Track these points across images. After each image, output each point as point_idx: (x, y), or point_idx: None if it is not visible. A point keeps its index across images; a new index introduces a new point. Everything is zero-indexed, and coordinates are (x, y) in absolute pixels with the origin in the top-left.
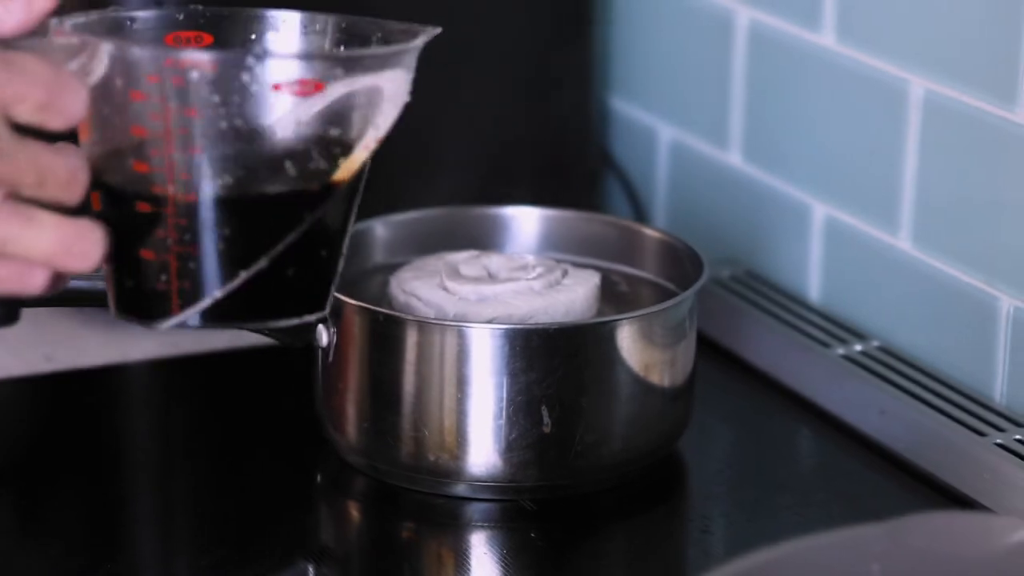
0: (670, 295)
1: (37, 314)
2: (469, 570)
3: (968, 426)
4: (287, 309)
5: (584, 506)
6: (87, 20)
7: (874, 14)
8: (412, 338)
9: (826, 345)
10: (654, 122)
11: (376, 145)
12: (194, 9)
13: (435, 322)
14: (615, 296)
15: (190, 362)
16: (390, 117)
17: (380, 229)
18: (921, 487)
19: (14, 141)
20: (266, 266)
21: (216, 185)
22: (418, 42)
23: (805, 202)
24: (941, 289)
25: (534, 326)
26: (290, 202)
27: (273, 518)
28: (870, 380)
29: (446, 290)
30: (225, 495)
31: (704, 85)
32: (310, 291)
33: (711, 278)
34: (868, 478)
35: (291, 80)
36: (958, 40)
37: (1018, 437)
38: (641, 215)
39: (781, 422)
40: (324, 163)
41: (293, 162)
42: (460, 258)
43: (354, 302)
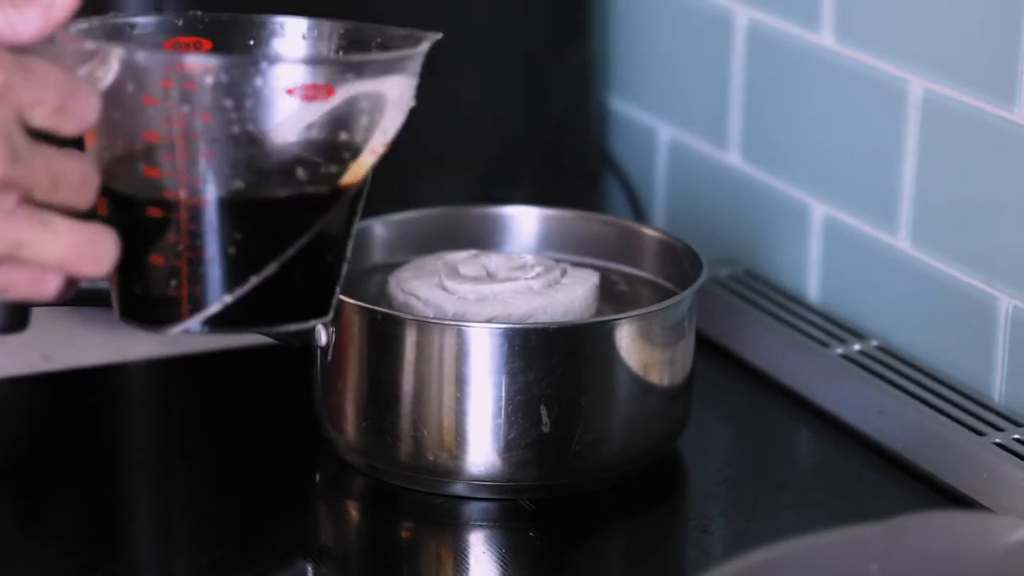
0: (669, 295)
1: (36, 314)
2: (468, 569)
3: (967, 426)
4: (294, 314)
5: (583, 505)
6: (89, 27)
7: (873, 14)
8: (411, 337)
9: (825, 345)
10: (653, 122)
11: (384, 150)
12: (193, 15)
13: (434, 321)
14: (614, 296)
15: (189, 362)
16: (397, 121)
17: (379, 228)
18: (920, 486)
19: (29, 145)
20: (275, 270)
21: (228, 189)
22: (424, 46)
23: (804, 202)
24: (940, 289)
25: (533, 325)
26: (300, 206)
27: (272, 517)
28: (869, 380)
29: (445, 289)
30: (224, 494)
31: (703, 85)
32: (316, 295)
33: (710, 278)
34: (867, 477)
35: (303, 84)
36: (957, 40)
37: (1017, 437)
38: (640, 215)
39: (780, 422)
40: (334, 167)
41: (304, 166)
42: (459, 257)
43: (353, 301)
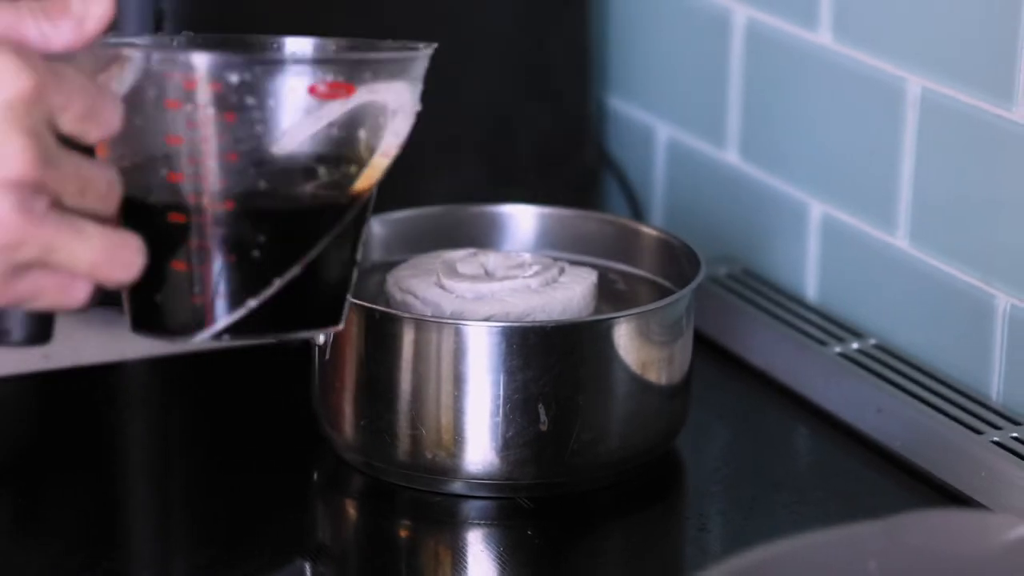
0: (667, 293)
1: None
2: (466, 568)
3: (965, 424)
4: (310, 319)
5: (581, 504)
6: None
7: (871, 13)
8: (409, 336)
9: (823, 343)
10: (652, 121)
11: (396, 152)
12: (188, 35)
13: (432, 320)
14: (612, 294)
15: (187, 360)
16: (408, 124)
17: (377, 227)
18: (918, 485)
19: (59, 150)
20: (298, 273)
21: (253, 191)
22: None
23: (802, 200)
24: (938, 287)
25: (531, 324)
26: (322, 207)
27: (270, 516)
28: (867, 378)
29: (443, 288)
30: (222, 493)
31: (701, 84)
32: (330, 301)
33: (708, 276)
34: (865, 476)
35: (324, 81)
36: (955, 39)
37: (1015, 435)
38: (638, 213)
39: (778, 420)
40: (354, 167)
41: (325, 166)
42: (457, 256)
43: (351, 300)
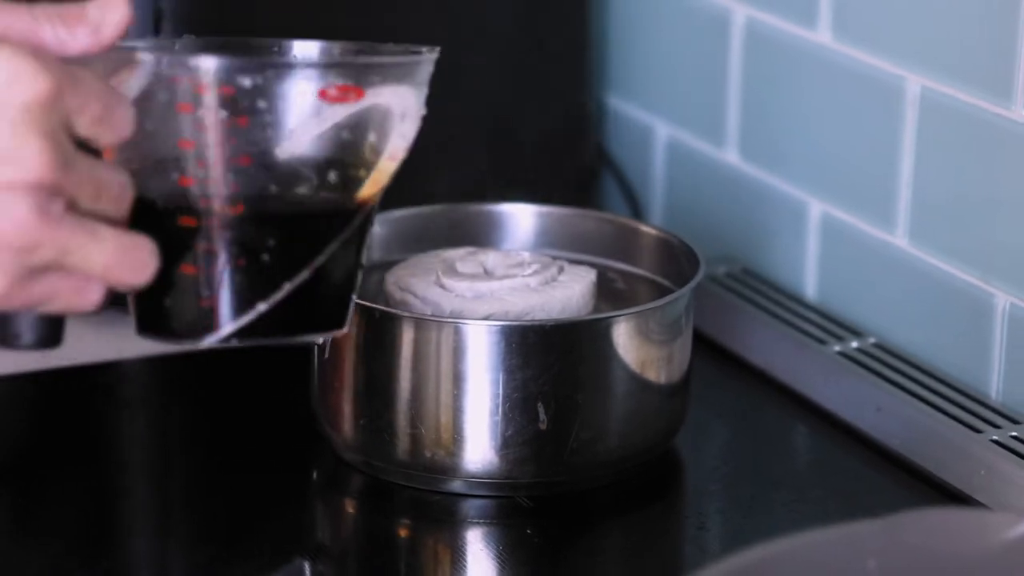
0: (666, 292)
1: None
2: (465, 567)
3: (964, 423)
4: (316, 323)
5: (580, 503)
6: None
7: (870, 12)
8: (408, 335)
9: (822, 342)
10: (651, 120)
11: (404, 155)
12: (189, 39)
13: (431, 319)
14: (611, 293)
15: (186, 359)
16: (415, 127)
17: (376, 226)
18: (917, 484)
19: (75, 153)
20: (308, 277)
21: (264, 194)
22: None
23: (801, 199)
24: (937, 286)
25: (530, 323)
26: (332, 211)
27: (269, 515)
28: (866, 377)
29: (442, 287)
30: (221, 492)
31: (700, 83)
32: (334, 305)
33: (707, 275)
34: (864, 475)
35: (335, 84)
36: (954, 37)
37: (1014, 434)
38: (637, 212)
39: (777, 419)
40: (363, 170)
41: (335, 169)
42: (456, 255)
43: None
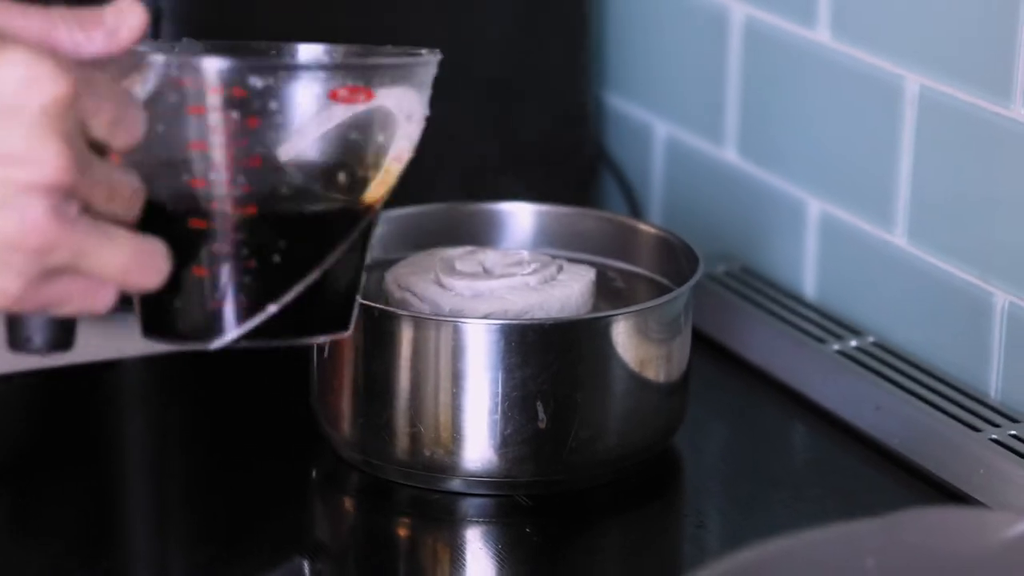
0: (665, 291)
1: None
2: (464, 565)
3: (963, 422)
4: (321, 325)
5: (579, 501)
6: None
7: (869, 10)
8: (407, 333)
9: (821, 341)
10: (650, 118)
11: (410, 156)
12: (189, 42)
13: (430, 317)
14: (610, 292)
15: (185, 358)
16: (420, 128)
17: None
18: (916, 483)
19: (90, 155)
20: (317, 278)
21: (275, 196)
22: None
23: (800, 198)
24: (936, 285)
25: (529, 321)
26: (341, 211)
27: (268, 514)
28: (865, 376)
29: (442, 286)
30: (220, 491)
31: (700, 81)
32: (339, 307)
33: (706, 274)
34: (863, 474)
35: (345, 86)
36: (953, 36)
37: (1013, 433)
38: (636, 211)
39: (776, 418)
40: (371, 172)
41: (344, 171)
42: (456, 254)
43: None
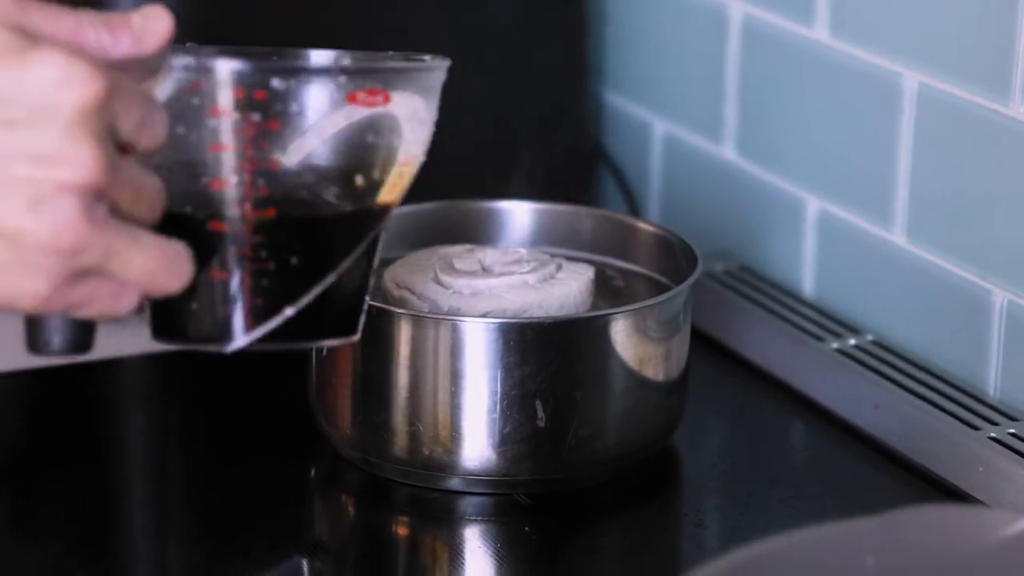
0: (664, 289)
1: None
2: (463, 564)
3: (962, 420)
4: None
5: (578, 500)
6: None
7: (867, 8)
8: (406, 332)
9: (820, 339)
10: (648, 116)
11: (422, 160)
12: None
13: (429, 316)
14: (609, 290)
15: (185, 357)
16: (431, 131)
17: None
18: (915, 481)
19: (118, 157)
20: (333, 281)
21: (294, 199)
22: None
23: (799, 196)
24: (935, 283)
25: (528, 320)
26: (356, 214)
27: (267, 512)
28: (864, 374)
29: (440, 284)
30: (219, 489)
31: (698, 79)
32: (348, 310)
33: (705, 272)
34: (862, 472)
35: (363, 89)
36: (952, 34)
37: (1012, 431)
38: (635, 209)
39: (775, 416)
40: (386, 175)
41: (361, 174)
42: (454, 252)
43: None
